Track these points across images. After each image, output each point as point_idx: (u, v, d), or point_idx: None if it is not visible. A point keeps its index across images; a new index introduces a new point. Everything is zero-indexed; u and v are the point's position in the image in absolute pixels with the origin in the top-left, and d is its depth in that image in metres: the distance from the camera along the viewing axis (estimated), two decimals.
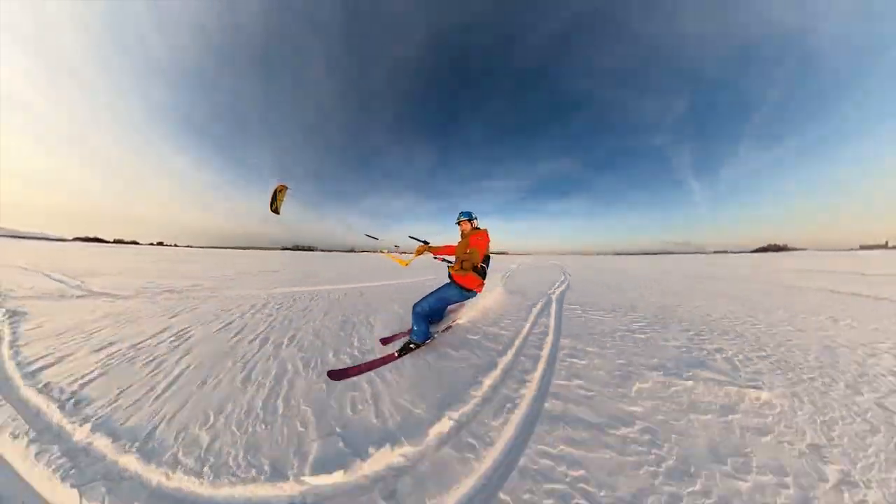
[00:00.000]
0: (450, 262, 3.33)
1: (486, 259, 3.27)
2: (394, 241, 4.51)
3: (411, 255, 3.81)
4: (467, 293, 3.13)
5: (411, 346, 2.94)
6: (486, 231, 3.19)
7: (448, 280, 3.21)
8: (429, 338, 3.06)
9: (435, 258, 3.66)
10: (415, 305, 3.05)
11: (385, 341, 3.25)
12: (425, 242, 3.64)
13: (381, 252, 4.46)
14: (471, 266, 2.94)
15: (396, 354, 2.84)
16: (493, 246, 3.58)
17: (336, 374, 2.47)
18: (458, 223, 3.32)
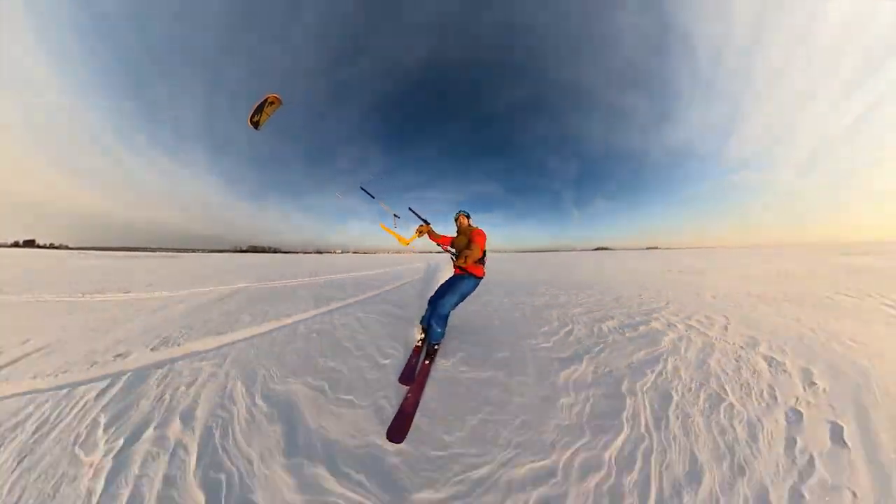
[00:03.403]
0: (453, 254, 3.29)
1: (484, 252, 3.21)
2: (392, 210, 3.63)
3: (412, 234, 3.38)
4: (478, 280, 3.10)
5: (435, 347, 2.76)
6: (481, 229, 3.18)
7: (461, 273, 3.05)
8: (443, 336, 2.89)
9: (441, 247, 3.43)
10: (438, 307, 2.80)
11: (405, 380, 2.40)
12: (426, 222, 3.39)
13: (381, 225, 3.65)
14: (477, 258, 2.91)
15: (427, 363, 2.57)
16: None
17: (396, 432, 1.72)
18: (457, 218, 3.30)
